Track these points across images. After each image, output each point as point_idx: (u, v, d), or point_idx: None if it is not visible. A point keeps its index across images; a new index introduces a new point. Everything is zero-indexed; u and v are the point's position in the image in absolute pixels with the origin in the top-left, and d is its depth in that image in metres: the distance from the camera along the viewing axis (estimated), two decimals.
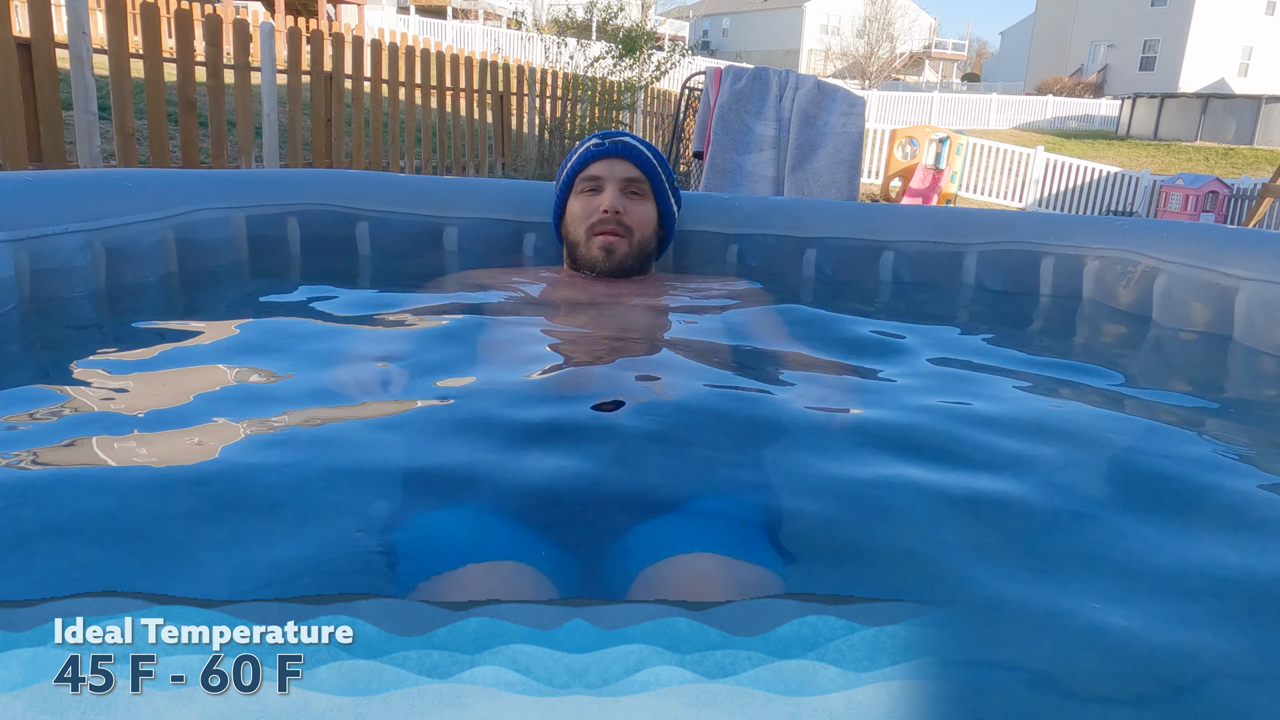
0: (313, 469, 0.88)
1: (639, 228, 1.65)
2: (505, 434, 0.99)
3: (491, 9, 29.45)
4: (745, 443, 1.02)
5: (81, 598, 0.52)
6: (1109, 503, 0.91)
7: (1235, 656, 0.65)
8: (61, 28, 4.59)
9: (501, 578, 0.73)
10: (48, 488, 0.81)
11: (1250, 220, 9.64)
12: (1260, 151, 19.70)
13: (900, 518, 0.86)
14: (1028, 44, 36.53)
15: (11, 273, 1.42)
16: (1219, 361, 1.56)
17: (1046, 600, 0.72)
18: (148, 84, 4.81)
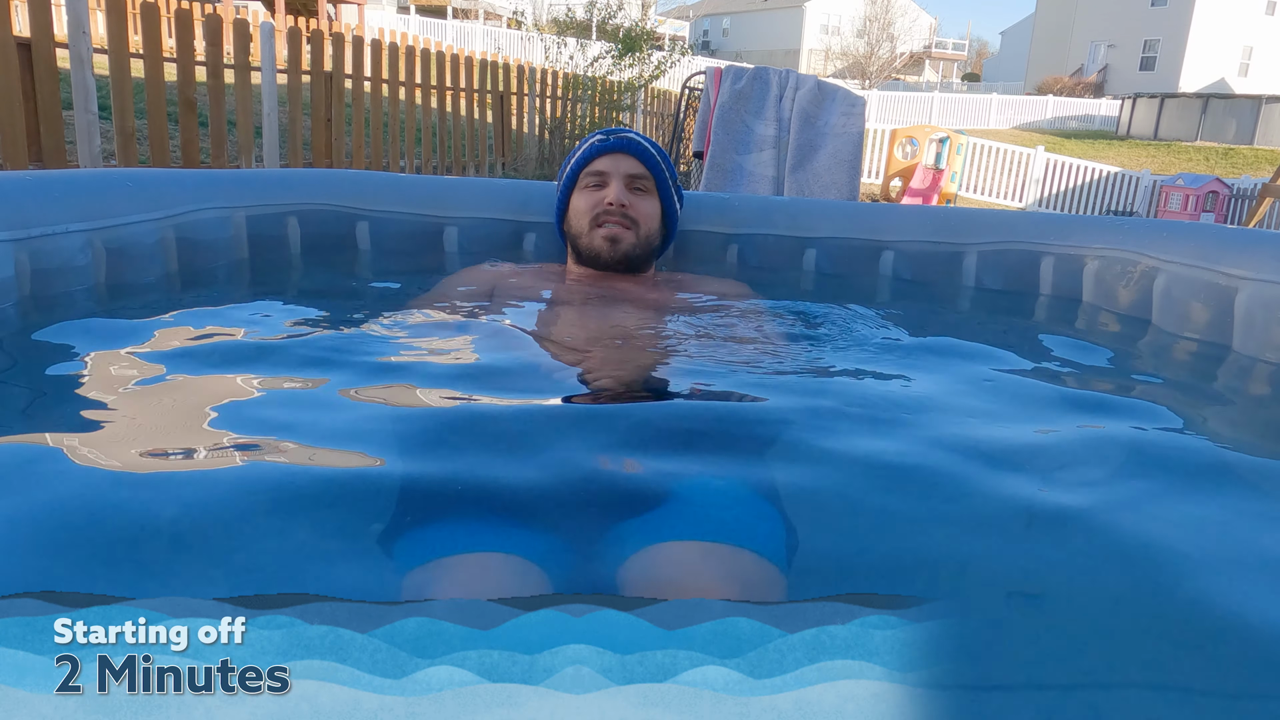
0: (309, 464, 0.88)
1: (644, 222, 1.65)
2: (501, 427, 1.00)
3: (491, 9, 29.45)
4: (737, 437, 1.03)
5: (81, 598, 0.52)
6: (1109, 503, 0.91)
7: (1236, 655, 0.65)
8: (61, 27, 4.59)
9: (493, 568, 0.75)
10: (47, 487, 0.81)
11: (1250, 220, 9.63)
12: (1260, 151, 19.70)
13: (897, 516, 0.86)
14: (1028, 44, 36.52)
15: (12, 273, 1.42)
16: (1219, 362, 1.56)
17: (1046, 600, 0.72)
18: (148, 84, 4.81)
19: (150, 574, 0.70)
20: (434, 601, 0.54)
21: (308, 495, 0.83)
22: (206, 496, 0.81)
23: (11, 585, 0.65)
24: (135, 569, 0.70)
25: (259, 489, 0.83)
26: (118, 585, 0.67)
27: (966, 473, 0.95)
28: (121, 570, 0.70)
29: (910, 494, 0.90)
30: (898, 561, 0.79)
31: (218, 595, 0.53)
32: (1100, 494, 0.93)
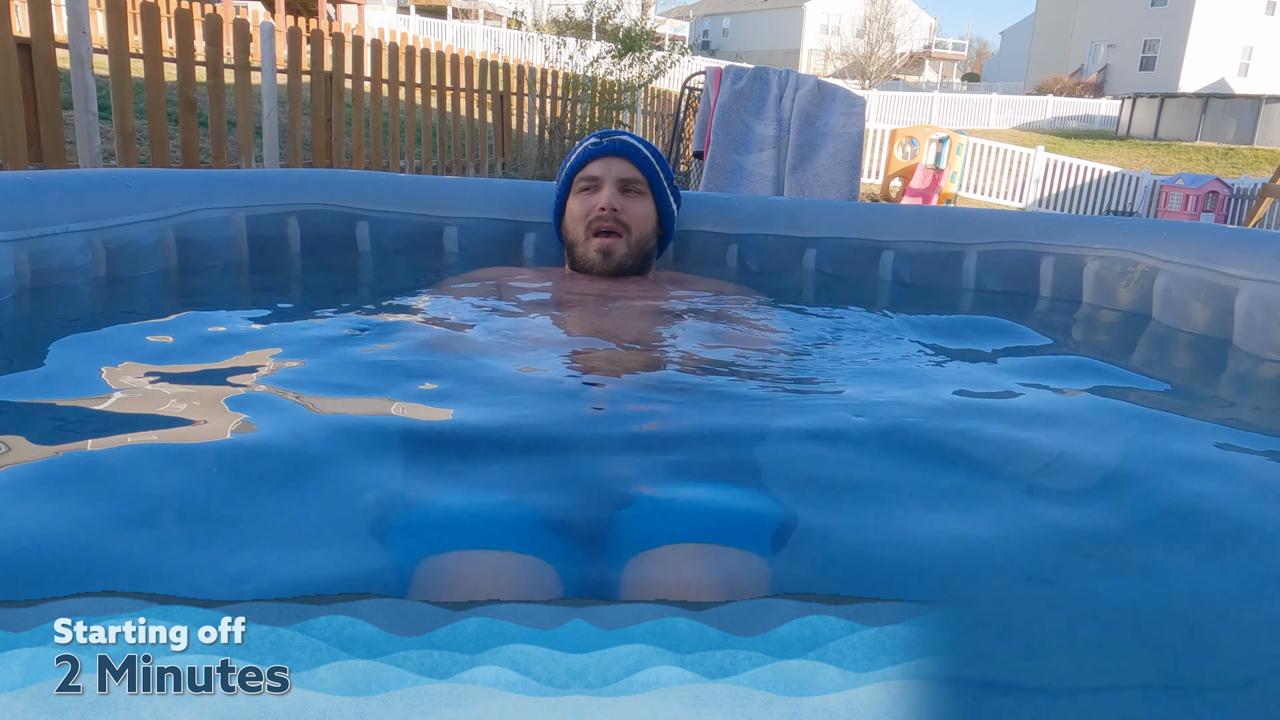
0: (312, 465, 0.88)
1: (637, 225, 1.66)
2: (503, 427, 1.01)
3: (491, 9, 29.45)
4: (737, 437, 1.03)
5: (81, 598, 0.52)
6: (1109, 503, 0.91)
7: (1235, 655, 0.65)
8: (61, 27, 4.59)
9: (500, 565, 0.75)
10: (47, 488, 0.81)
11: (1250, 220, 9.64)
12: (1260, 151, 19.70)
13: (897, 516, 0.86)
14: (1028, 44, 36.52)
15: (11, 272, 1.42)
16: (1219, 362, 1.56)
17: (1047, 600, 0.72)
18: (148, 84, 4.81)
19: (150, 569, 0.70)
20: (444, 603, 0.54)
21: (307, 495, 0.83)
22: (207, 496, 0.81)
23: (13, 581, 0.65)
24: (134, 563, 0.70)
25: (259, 489, 0.83)
26: (116, 583, 0.67)
27: (966, 472, 0.95)
28: (120, 565, 0.70)
29: (909, 493, 0.90)
30: (912, 561, 0.79)
31: (218, 595, 0.53)
32: (1100, 494, 0.93)
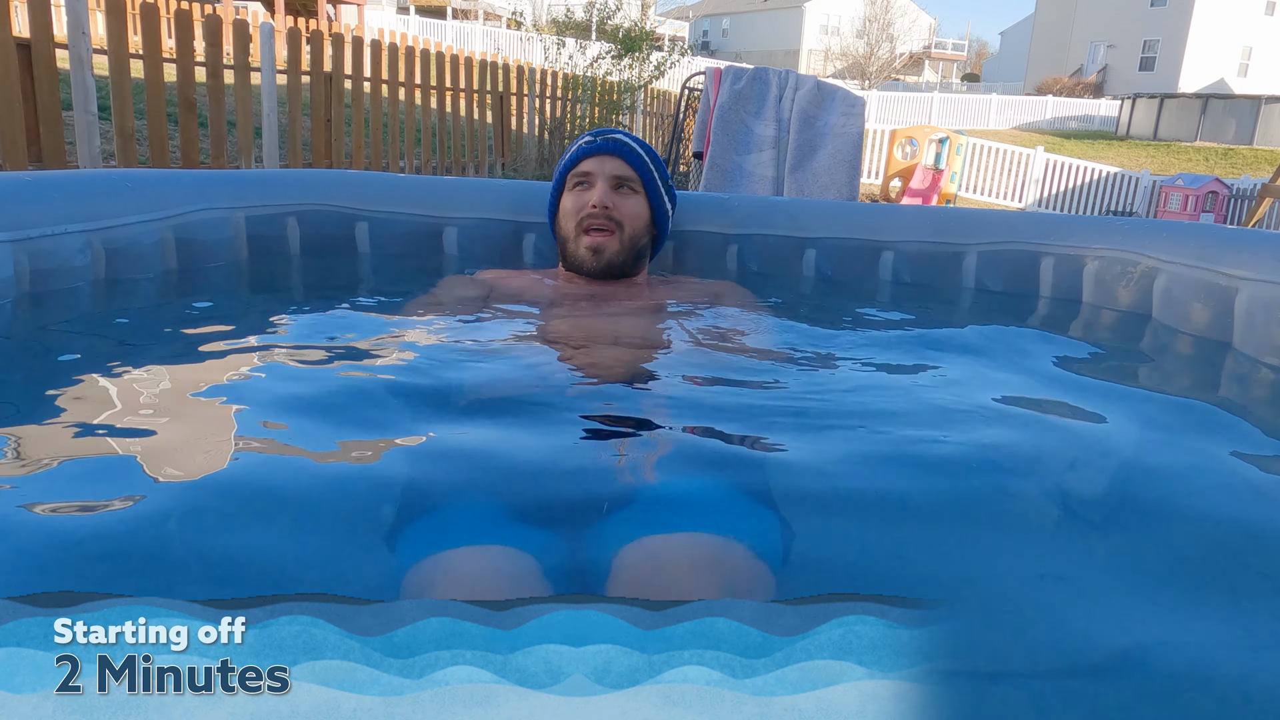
0: (308, 463, 0.88)
1: (629, 222, 1.65)
2: (497, 426, 1.01)
3: (491, 9, 29.45)
4: (728, 435, 1.04)
5: (81, 597, 0.52)
6: (1109, 503, 0.91)
7: (1235, 654, 0.65)
8: (61, 28, 4.59)
9: (491, 561, 0.76)
10: (46, 488, 0.81)
11: (1250, 220, 9.64)
12: (1260, 151, 19.70)
13: (896, 516, 0.86)
14: (1027, 44, 36.52)
15: (11, 273, 1.42)
16: (1219, 362, 1.56)
17: (1049, 600, 0.72)
18: (147, 84, 4.81)
19: (150, 571, 0.70)
20: (440, 601, 0.54)
21: (307, 495, 0.83)
22: (207, 495, 0.81)
23: (13, 582, 0.65)
24: (134, 566, 0.70)
25: (258, 489, 0.83)
26: (116, 583, 0.67)
27: (965, 472, 0.95)
28: (121, 567, 0.70)
29: (908, 493, 0.90)
30: (902, 563, 0.79)
31: (218, 595, 0.53)
32: (1100, 494, 0.93)
